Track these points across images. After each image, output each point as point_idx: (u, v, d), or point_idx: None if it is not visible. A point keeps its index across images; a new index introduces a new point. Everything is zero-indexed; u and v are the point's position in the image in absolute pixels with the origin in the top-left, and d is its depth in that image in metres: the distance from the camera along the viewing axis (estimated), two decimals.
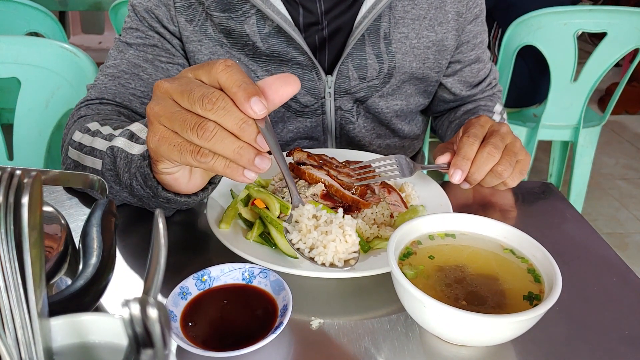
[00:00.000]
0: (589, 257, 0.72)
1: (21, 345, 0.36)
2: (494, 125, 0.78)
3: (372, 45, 0.91)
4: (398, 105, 1.00)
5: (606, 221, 2.61)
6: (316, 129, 1.00)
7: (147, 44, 0.90)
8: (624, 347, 0.57)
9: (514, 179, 0.79)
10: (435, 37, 0.95)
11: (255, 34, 0.88)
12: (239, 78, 0.50)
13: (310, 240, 0.63)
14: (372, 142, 1.05)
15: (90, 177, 0.57)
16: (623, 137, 3.59)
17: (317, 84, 0.93)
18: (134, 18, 0.90)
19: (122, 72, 0.88)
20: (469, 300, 0.53)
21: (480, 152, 0.74)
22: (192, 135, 0.50)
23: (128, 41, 0.90)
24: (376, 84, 0.95)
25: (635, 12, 1.71)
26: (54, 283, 0.51)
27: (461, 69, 1.03)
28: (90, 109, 0.85)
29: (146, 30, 0.90)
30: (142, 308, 0.31)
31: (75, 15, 3.46)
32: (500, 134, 0.76)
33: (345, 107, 0.97)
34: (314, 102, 0.95)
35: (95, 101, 0.87)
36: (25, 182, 0.35)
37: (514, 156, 0.76)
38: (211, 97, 0.49)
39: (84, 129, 0.77)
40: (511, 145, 0.77)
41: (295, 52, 0.89)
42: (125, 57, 0.89)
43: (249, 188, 0.74)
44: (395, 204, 0.76)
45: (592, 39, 4.01)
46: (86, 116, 0.82)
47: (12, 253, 0.35)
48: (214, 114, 0.50)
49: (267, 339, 0.51)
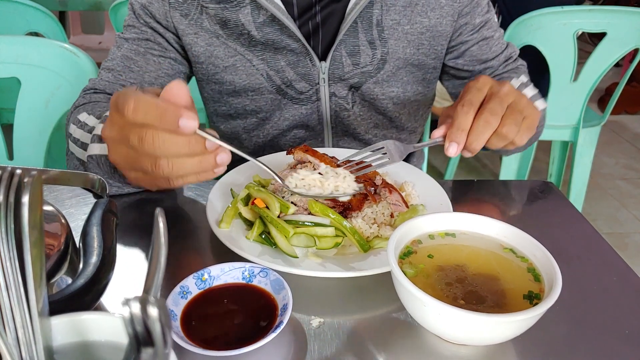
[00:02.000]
0: (589, 256, 0.72)
1: (22, 344, 0.36)
2: (494, 87, 0.71)
3: (365, 32, 0.93)
4: (394, 92, 1.01)
5: (606, 221, 2.61)
6: (311, 116, 1.01)
7: (141, 38, 0.94)
8: (624, 346, 0.57)
9: (521, 138, 0.72)
10: (429, 23, 0.95)
11: (250, 23, 0.91)
12: (152, 114, 0.50)
13: (309, 181, 0.67)
14: (368, 131, 1.05)
15: (90, 176, 0.57)
16: (623, 137, 3.59)
17: (311, 70, 0.95)
18: (131, 16, 0.95)
19: (115, 64, 0.93)
20: (468, 299, 0.53)
21: (477, 121, 0.68)
22: (156, 173, 0.54)
23: (125, 37, 0.94)
24: (370, 69, 0.96)
25: (635, 12, 1.71)
26: (54, 282, 0.51)
27: (468, 49, 1.02)
28: (84, 98, 0.90)
29: (141, 26, 0.94)
30: (142, 307, 0.32)
31: (75, 15, 3.46)
32: (500, 96, 0.69)
33: (340, 94, 0.99)
34: (309, 88, 0.97)
35: (89, 91, 0.92)
36: (25, 181, 0.35)
37: (519, 115, 0.70)
38: (147, 138, 0.51)
39: (76, 122, 0.81)
40: (515, 103, 0.70)
41: (289, 39, 0.92)
42: (120, 51, 0.94)
43: (249, 188, 0.74)
44: (396, 203, 0.76)
45: (592, 39, 4.01)
46: (79, 106, 0.87)
47: (13, 252, 0.35)
48: (159, 149, 0.52)
49: (267, 338, 0.51)
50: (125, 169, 0.59)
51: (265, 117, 1.02)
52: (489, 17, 1.02)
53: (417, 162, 1.20)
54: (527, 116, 0.71)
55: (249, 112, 1.02)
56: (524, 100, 0.71)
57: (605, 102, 3.74)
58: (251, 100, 1.00)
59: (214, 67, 0.96)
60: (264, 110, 1.01)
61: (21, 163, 1.25)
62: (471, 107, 0.69)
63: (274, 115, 1.02)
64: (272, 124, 1.03)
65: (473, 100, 0.69)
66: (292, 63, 0.95)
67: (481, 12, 1.00)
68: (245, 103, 1.00)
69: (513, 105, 0.70)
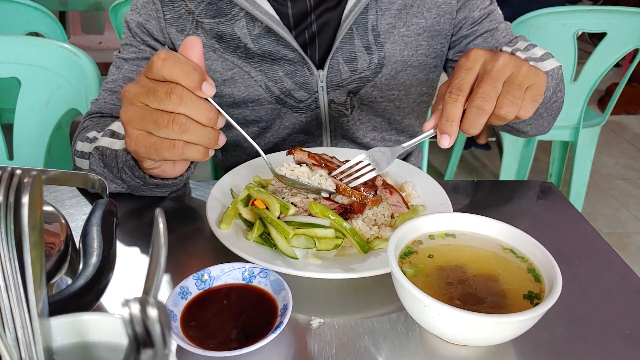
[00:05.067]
0: (589, 256, 0.72)
1: (21, 345, 0.36)
2: (487, 62, 0.63)
3: (361, 38, 0.93)
4: (395, 94, 1.00)
5: (606, 221, 2.61)
6: (311, 123, 1.02)
7: (140, 58, 0.95)
8: (624, 347, 0.57)
9: (526, 111, 0.65)
10: (425, 23, 0.95)
11: (246, 36, 0.91)
12: (179, 67, 0.55)
13: (297, 173, 0.73)
14: (367, 134, 1.05)
15: (90, 176, 0.57)
16: (623, 137, 3.59)
17: (309, 79, 0.95)
18: (127, 34, 0.96)
19: (118, 86, 0.95)
20: (468, 299, 0.53)
21: (469, 108, 0.62)
22: (168, 130, 0.56)
23: (124, 57, 0.96)
24: (367, 75, 0.96)
25: (635, 12, 1.71)
26: (54, 283, 0.51)
27: (471, 41, 1.00)
28: (92, 121, 0.92)
29: (138, 44, 0.95)
30: (142, 308, 0.32)
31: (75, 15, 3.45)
32: (493, 74, 0.61)
33: (339, 100, 0.99)
34: (307, 96, 0.97)
35: (96, 115, 0.94)
36: (25, 181, 0.35)
37: (517, 90, 0.62)
38: (175, 92, 0.55)
39: (84, 139, 0.84)
40: (513, 76, 0.62)
41: (285, 50, 0.92)
42: (121, 72, 0.95)
43: (249, 188, 0.74)
44: (397, 204, 0.76)
45: (592, 39, 4.01)
46: (87, 127, 0.89)
47: (13, 253, 0.34)
48: (183, 107, 0.56)
49: (267, 338, 0.51)
50: (131, 125, 0.60)
51: (266, 126, 1.03)
52: (491, 8, 0.99)
53: (415, 161, 1.20)
54: (530, 86, 0.64)
55: (250, 121, 1.02)
56: (523, 69, 0.63)
57: (605, 102, 3.73)
58: (251, 110, 1.00)
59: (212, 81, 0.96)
60: (264, 119, 1.01)
61: (21, 163, 1.25)
62: (460, 93, 0.62)
63: (274, 124, 1.02)
64: (273, 132, 1.03)
65: (462, 84, 0.62)
66: (290, 73, 0.95)
67: (481, 5, 0.97)
68: (245, 113, 1.01)
69: (511, 80, 0.62)
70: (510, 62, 0.63)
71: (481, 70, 0.63)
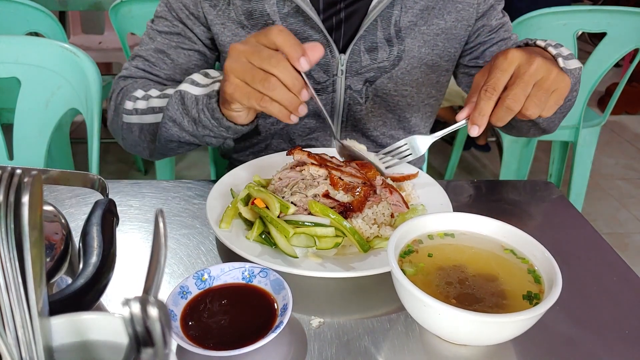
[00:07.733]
0: (589, 256, 0.72)
1: (21, 344, 0.36)
2: (522, 66, 0.69)
3: (383, 30, 0.97)
4: (407, 90, 1.04)
5: (606, 221, 2.61)
6: (325, 107, 1.04)
7: (172, 32, 1.01)
8: (624, 346, 0.57)
9: (548, 111, 0.73)
10: (445, 25, 1.00)
11: (275, 14, 0.95)
12: (290, 40, 0.68)
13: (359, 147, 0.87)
14: (377, 128, 1.08)
15: (90, 176, 0.57)
16: (623, 137, 3.59)
17: (330, 62, 0.99)
18: (164, 7, 1.02)
19: (149, 55, 1.02)
20: (468, 299, 0.53)
21: (499, 106, 0.69)
22: (260, 86, 0.67)
23: (158, 29, 1.02)
24: (386, 65, 1.00)
25: (635, 12, 1.71)
26: (54, 282, 0.51)
27: (487, 48, 1.06)
28: (126, 81, 1.01)
29: (173, 19, 1.01)
30: (142, 307, 0.32)
31: (75, 15, 3.45)
32: (525, 80, 0.68)
33: (355, 87, 1.02)
34: (326, 78, 1.01)
35: (129, 79, 1.02)
36: (25, 181, 0.35)
37: (544, 94, 0.70)
38: (276, 57, 0.67)
39: (132, 98, 0.93)
40: (543, 80, 0.69)
41: (311, 31, 0.96)
42: (154, 44, 1.02)
43: (249, 188, 0.74)
44: (396, 204, 0.76)
45: (592, 39, 4.01)
46: (126, 89, 0.97)
47: (13, 252, 0.35)
48: (277, 70, 0.66)
49: (267, 338, 0.51)
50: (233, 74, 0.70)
51: None
52: (505, 20, 1.07)
53: (416, 161, 1.20)
54: (556, 90, 0.71)
55: None
56: (553, 74, 0.70)
57: (605, 102, 3.73)
58: None
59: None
60: None
61: (21, 163, 1.25)
62: (494, 92, 0.70)
63: None
64: None
65: (497, 84, 0.70)
66: None
67: (497, 15, 1.05)
68: None
69: (540, 83, 0.69)
70: (543, 66, 0.69)
71: (515, 72, 0.70)
